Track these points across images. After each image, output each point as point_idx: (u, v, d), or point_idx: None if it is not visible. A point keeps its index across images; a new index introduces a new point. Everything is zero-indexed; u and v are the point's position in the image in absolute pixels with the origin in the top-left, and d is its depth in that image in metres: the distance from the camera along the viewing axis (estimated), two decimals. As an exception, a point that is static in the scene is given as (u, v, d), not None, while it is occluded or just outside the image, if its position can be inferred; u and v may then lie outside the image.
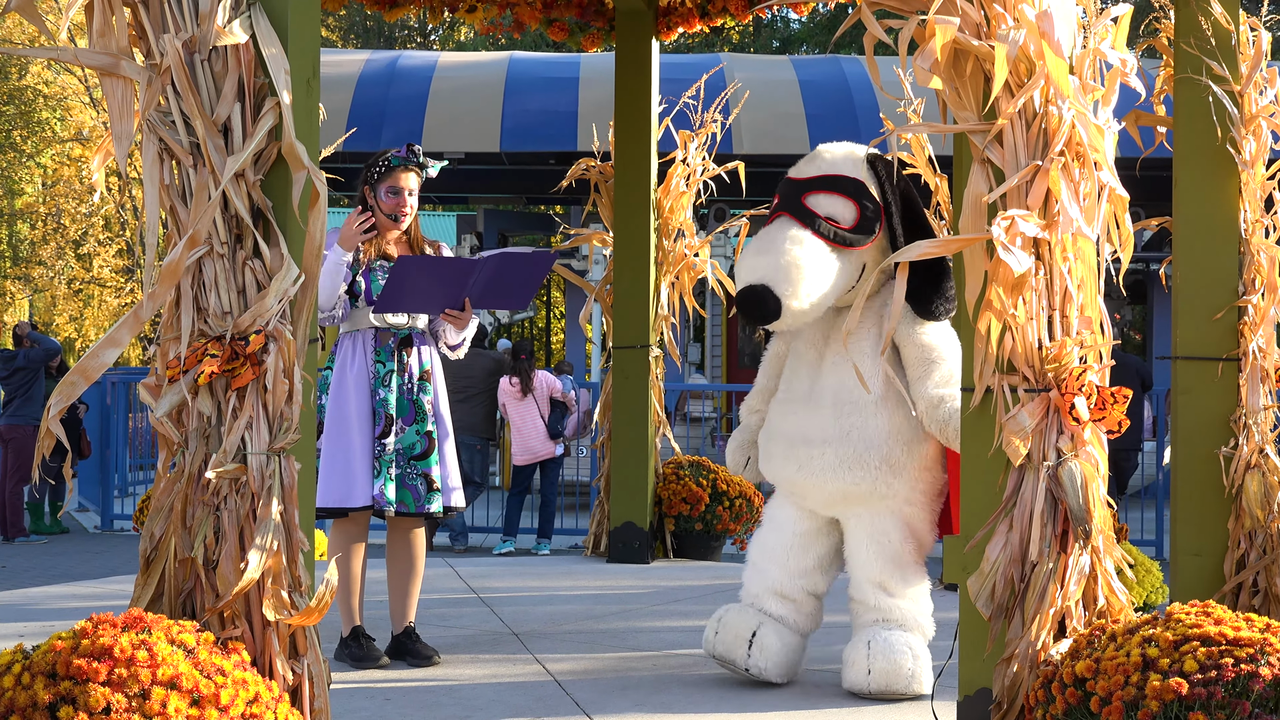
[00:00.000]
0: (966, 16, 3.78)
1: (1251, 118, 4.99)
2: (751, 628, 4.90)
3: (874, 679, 4.70)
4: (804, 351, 4.99)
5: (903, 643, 4.74)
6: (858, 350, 4.81)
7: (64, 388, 3.39)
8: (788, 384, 5.03)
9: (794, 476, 4.91)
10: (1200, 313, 4.98)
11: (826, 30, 29.76)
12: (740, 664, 4.90)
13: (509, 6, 8.66)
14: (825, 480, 4.81)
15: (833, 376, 4.86)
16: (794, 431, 4.90)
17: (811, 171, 4.89)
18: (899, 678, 4.70)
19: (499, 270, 5.20)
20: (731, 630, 4.92)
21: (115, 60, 3.46)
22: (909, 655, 4.73)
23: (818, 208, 4.76)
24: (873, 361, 4.77)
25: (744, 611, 4.96)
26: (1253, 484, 4.90)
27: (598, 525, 8.76)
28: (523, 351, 11.98)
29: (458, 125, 15.79)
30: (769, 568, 5.02)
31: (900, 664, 4.70)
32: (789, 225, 4.72)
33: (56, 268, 32.56)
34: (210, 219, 3.44)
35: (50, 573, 10.46)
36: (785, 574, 4.99)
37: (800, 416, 4.90)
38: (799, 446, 4.87)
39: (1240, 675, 3.18)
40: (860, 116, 15.25)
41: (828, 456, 4.79)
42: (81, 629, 3.16)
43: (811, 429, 4.84)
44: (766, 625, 4.91)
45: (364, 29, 35.51)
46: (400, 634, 5.41)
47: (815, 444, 4.82)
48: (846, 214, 4.77)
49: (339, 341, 5.35)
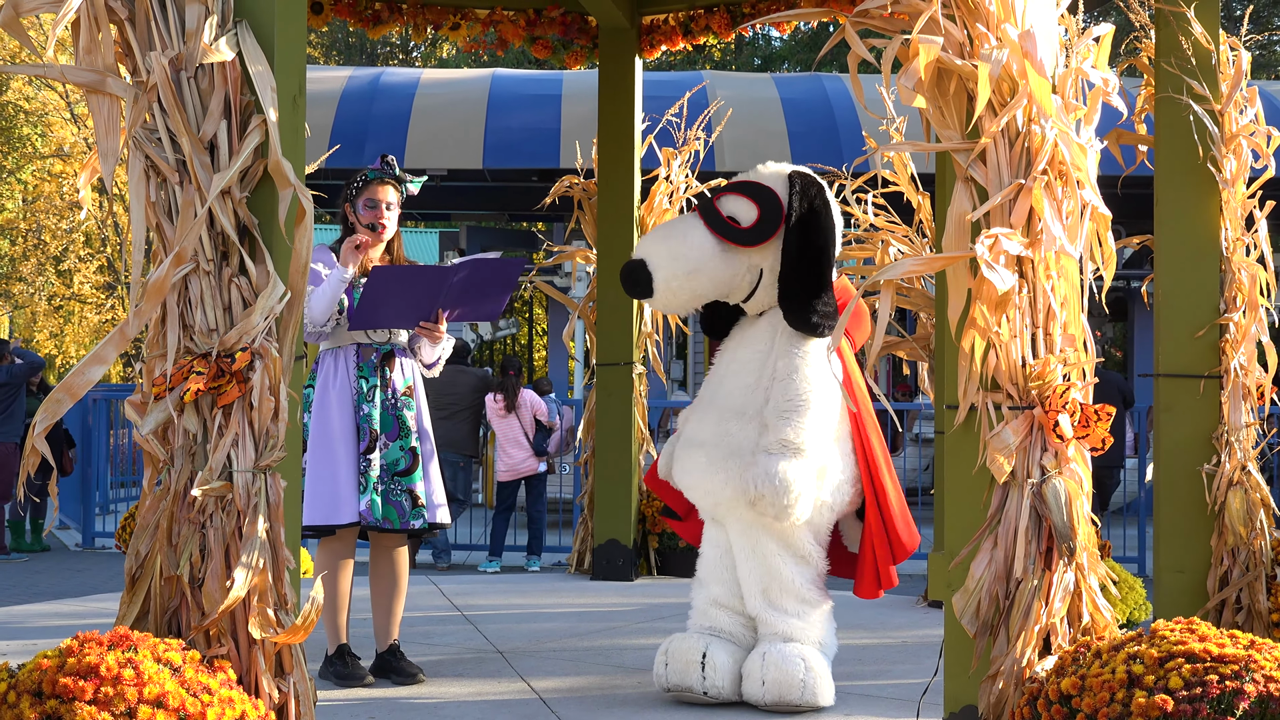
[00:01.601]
0: (950, 36, 3.80)
1: (1232, 136, 5.03)
2: (700, 649, 4.89)
3: (768, 689, 4.74)
4: (722, 359, 5.13)
5: (795, 654, 4.76)
6: (748, 361, 4.97)
7: (49, 405, 3.38)
8: (702, 388, 5.18)
9: (680, 479, 5.04)
10: (1182, 330, 5.01)
11: (808, 48, 29.85)
12: (697, 689, 4.87)
13: (492, 24, 8.68)
14: (699, 480, 4.93)
15: (726, 386, 5.01)
16: (690, 435, 5.04)
17: (735, 180, 5.10)
18: (791, 688, 4.72)
19: (471, 277, 5.18)
20: (680, 658, 4.91)
21: (102, 77, 3.46)
22: (801, 666, 4.75)
23: (723, 207, 4.97)
24: (756, 372, 4.93)
25: (689, 637, 4.97)
26: (1235, 501, 4.93)
27: (581, 543, 8.76)
28: (511, 368, 11.99)
29: (440, 142, 15.79)
30: (709, 582, 5.08)
31: (792, 674, 4.72)
32: (689, 217, 5.02)
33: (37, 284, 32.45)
34: (196, 236, 3.44)
35: (32, 591, 10.41)
36: (722, 587, 5.03)
37: (694, 421, 5.05)
38: (689, 449, 4.99)
39: (1225, 692, 3.19)
40: (842, 134, 15.29)
41: (699, 458, 4.91)
42: (67, 647, 3.16)
43: (698, 433, 4.98)
44: (715, 644, 4.90)
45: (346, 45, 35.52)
46: (385, 651, 5.39)
47: (695, 446, 4.94)
48: (747, 215, 4.92)
49: (320, 358, 5.33)
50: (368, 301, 5.04)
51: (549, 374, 19.19)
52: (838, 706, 4.94)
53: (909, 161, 8.00)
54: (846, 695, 5.13)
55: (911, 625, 6.85)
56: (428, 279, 5.12)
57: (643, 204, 8.65)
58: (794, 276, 4.88)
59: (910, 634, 6.60)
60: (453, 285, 5.14)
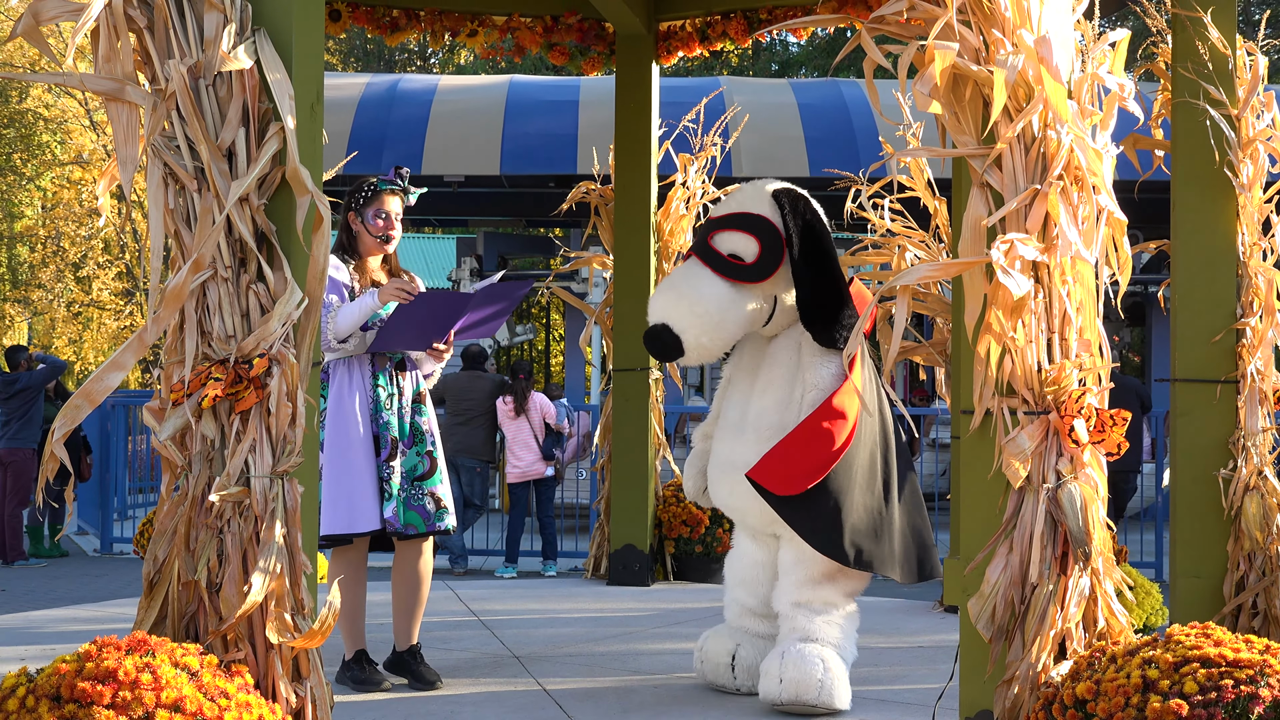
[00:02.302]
0: (965, 42, 3.80)
1: (1249, 141, 5.02)
2: (730, 650, 5.12)
3: (785, 688, 4.80)
4: (739, 379, 5.19)
5: (815, 654, 4.83)
6: (776, 380, 5.03)
7: (68, 411, 3.40)
8: (724, 412, 5.22)
9: (726, 500, 5.15)
10: (1199, 335, 5.00)
11: (826, 54, 29.83)
12: (730, 687, 5.14)
13: (510, 30, 8.70)
14: (750, 503, 4.96)
15: (757, 406, 5.05)
16: (726, 458, 5.09)
17: (721, 211, 5.11)
18: (809, 688, 4.78)
19: (483, 301, 5.25)
20: (712, 659, 5.18)
21: (121, 85, 3.48)
22: (820, 666, 4.80)
23: (721, 246, 4.96)
24: (788, 389, 4.99)
25: (720, 637, 5.17)
26: (1252, 506, 4.92)
27: (598, 548, 8.77)
28: (521, 371, 12.02)
29: (458, 148, 15.82)
30: (738, 592, 5.23)
31: (811, 674, 4.78)
32: (693, 265, 4.97)
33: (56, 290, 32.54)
34: (214, 243, 3.46)
35: (50, 596, 10.46)
36: (754, 597, 5.18)
37: (731, 443, 5.09)
38: (729, 471, 5.05)
39: (1240, 697, 3.18)
40: (859, 140, 15.28)
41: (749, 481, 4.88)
42: (85, 652, 3.17)
43: (739, 455, 5.00)
44: (744, 644, 5.12)
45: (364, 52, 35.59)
46: (404, 651, 5.41)
47: (740, 468, 4.94)
48: (748, 250, 4.95)
49: (330, 367, 5.26)
50: (393, 326, 5.09)
51: (566, 379, 19.20)
52: (853, 711, 4.94)
53: (926, 167, 8.00)
54: (862, 700, 5.13)
55: (927, 630, 6.85)
56: (448, 305, 5.18)
57: (659, 210, 8.66)
58: (813, 300, 4.95)
59: (926, 639, 6.59)
60: (470, 307, 5.19)
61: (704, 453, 5.39)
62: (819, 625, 4.93)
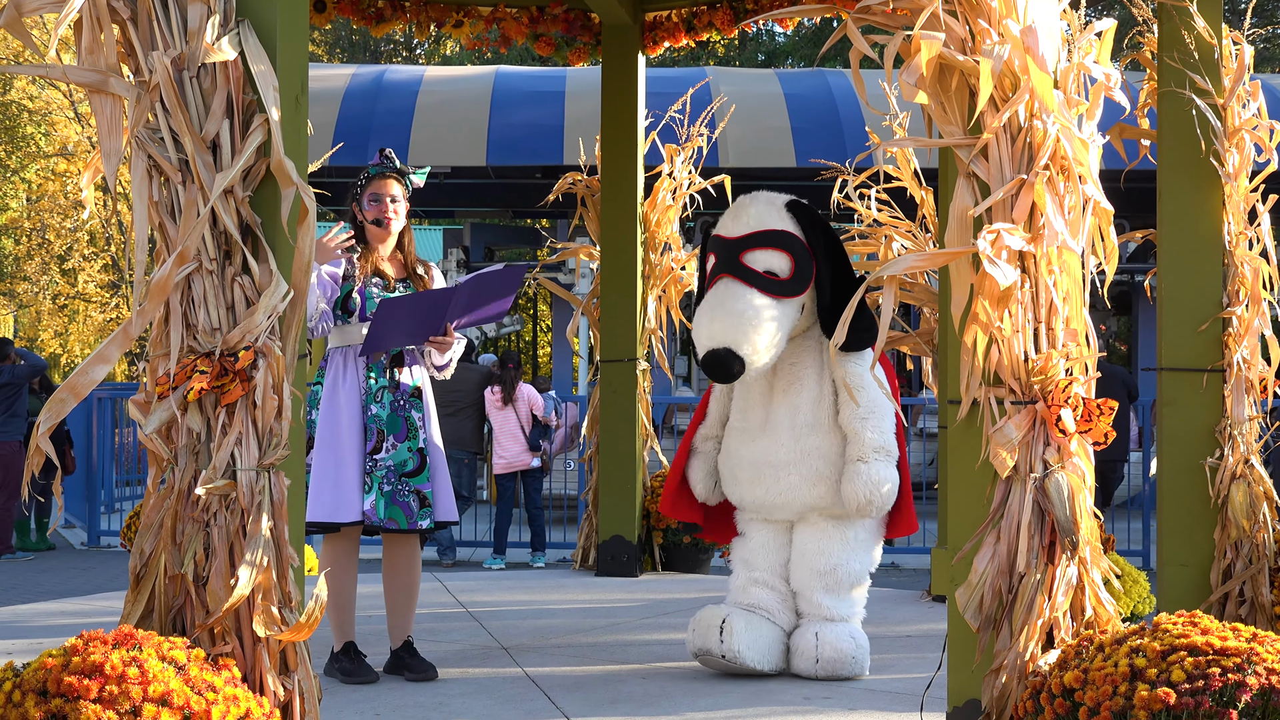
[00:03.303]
0: (951, 32, 3.80)
1: (1234, 130, 5.03)
2: (721, 616, 5.30)
3: (821, 666, 5.25)
4: (751, 384, 5.40)
5: (846, 633, 5.31)
6: (803, 379, 5.33)
7: (53, 405, 3.39)
8: (742, 414, 5.47)
9: (763, 498, 5.38)
10: (1185, 324, 5.01)
11: (812, 44, 29.82)
12: (715, 651, 5.27)
13: (495, 21, 8.68)
14: (793, 498, 5.32)
15: (784, 405, 5.35)
16: (757, 457, 5.36)
17: (741, 229, 5.26)
18: (844, 664, 5.26)
19: (474, 292, 5.22)
20: (704, 624, 5.33)
21: (104, 77, 3.47)
22: (852, 644, 5.30)
23: (756, 264, 5.18)
24: (817, 386, 5.32)
25: (715, 608, 5.37)
26: (1238, 494, 4.93)
27: (586, 539, 8.77)
28: (510, 361, 12.00)
29: (444, 139, 15.79)
30: (754, 562, 5.49)
31: (845, 651, 5.26)
32: (735, 286, 5.15)
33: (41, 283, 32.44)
34: (199, 235, 3.45)
35: (37, 590, 10.44)
36: (766, 569, 5.46)
37: (762, 443, 5.36)
38: (764, 470, 5.34)
39: (1227, 685, 3.19)
40: (846, 130, 15.28)
41: (792, 477, 5.29)
42: (72, 646, 3.16)
43: (773, 454, 5.32)
44: (734, 613, 5.31)
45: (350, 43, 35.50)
46: (399, 649, 5.41)
47: (779, 467, 5.31)
48: (783, 266, 5.18)
49: (329, 356, 5.33)
50: (376, 331, 5.07)
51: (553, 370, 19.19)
52: (841, 701, 4.96)
53: (912, 157, 8.00)
54: (850, 690, 5.14)
55: (915, 620, 6.86)
56: (431, 304, 5.16)
57: (646, 201, 8.65)
58: (835, 306, 5.24)
59: (913, 628, 6.60)
60: (457, 302, 5.17)
61: (710, 454, 5.64)
62: (843, 607, 5.35)
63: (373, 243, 5.38)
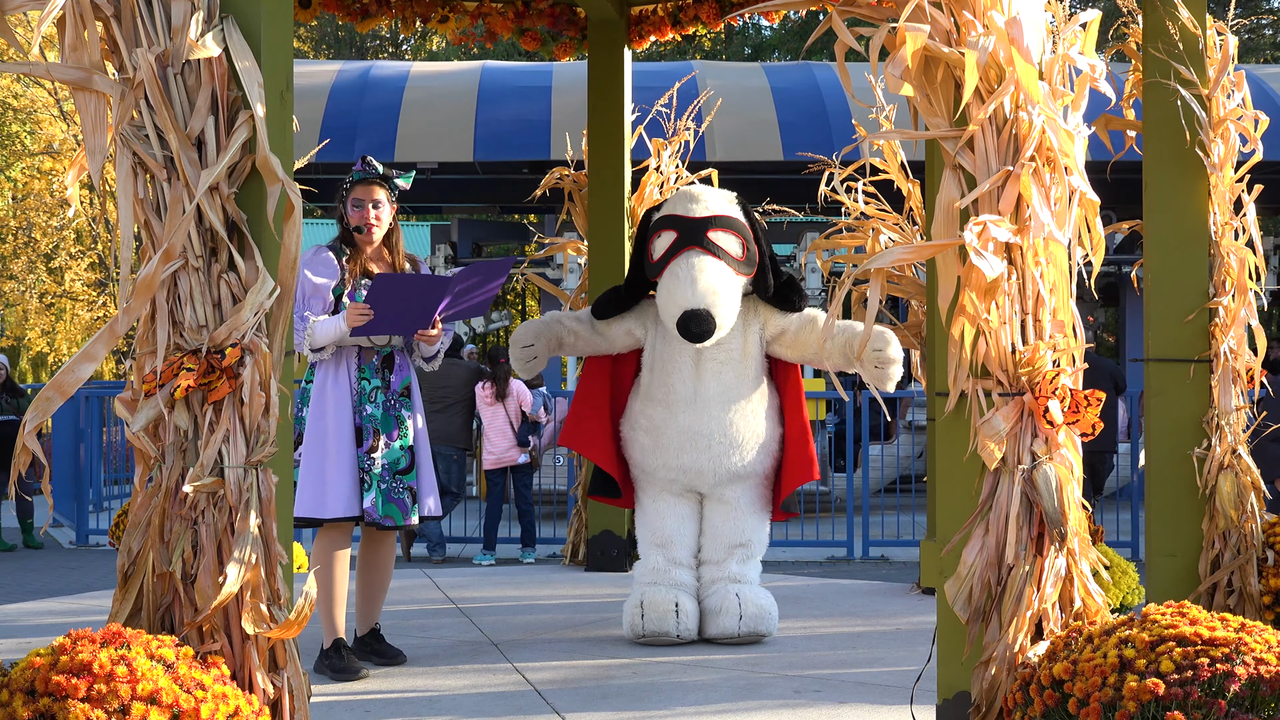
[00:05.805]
0: (936, 24, 3.80)
1: (1219, 121, 5.03)
2: (673, 600, 5.80)
3: (744, 623, 5.77)
4: (673, 357, 5.84)
5: (761, 592, 5.89)
6: (731, 354, 5.79)
7: (40, 403, 3.38)
8: (666, 386, 5.87)
9: (690, 465, 5.82)
10: (1171, 315, 5.02)
11: (798, 37, 29.79)
12: (672, 633, 5.78)
13: (481, 16, 8.67)
14: (718, 464, 5.80)
15: (714, 380, 5.80)
16: (685, 427, 5.81)
17: (703, 211, 5.78)
18: (764, 620, 5.82)
19: (465, 282, 5.23)
20: (657, 609, 5.80)
21: (88, 75, 3.46)
22: (769, 599, 5.88)
23: (718, 242, 5.71)
24: (741, 363, 5.82)
25: (659, 590, 5.85)
26: (1226, 484, 4.94)
27: (576, 534, 8.77)
28: (502, 356, 11.98)
29: (431, 135, 15.76)
30: (673, 544, 5.94)
31: (764, 607, 5.83)
32: (706, 258, 5.65)
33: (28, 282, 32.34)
34: (185, 232, 3.44)
35: (25, 589, 10.40)
36: (683, 549, 5.95)
37: (689, 415, 5.81)
38: (695, 438, 5.80)
39: (1216, 675, 3.20)
40: (833, 123, 15.28)
41: (719, 445, 5.78)
42: (60, 645, 3.15)
43: (701, 424, 5.79)
44: (681, 595, 5.84)
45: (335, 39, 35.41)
46: (367, 634, 5.52)
47: (706, 435, 5.78)
48: (736, 249, 5.74)
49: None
50: (372, 303, 5.08)
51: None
52: (832, 694, 4.96)
53: (899, 149, 7.99)
54: (839, 682, 5.15)
55: (904, 612, 6.87)
56: (426, 290, 5.16)
57: (633, 195, 8.64)
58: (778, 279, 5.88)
59: (903, 621, 6.61)
60: (451, 289, 5.18)
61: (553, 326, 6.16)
62: (748, 569, 5.90)
63: (361, 246, 5.40)
